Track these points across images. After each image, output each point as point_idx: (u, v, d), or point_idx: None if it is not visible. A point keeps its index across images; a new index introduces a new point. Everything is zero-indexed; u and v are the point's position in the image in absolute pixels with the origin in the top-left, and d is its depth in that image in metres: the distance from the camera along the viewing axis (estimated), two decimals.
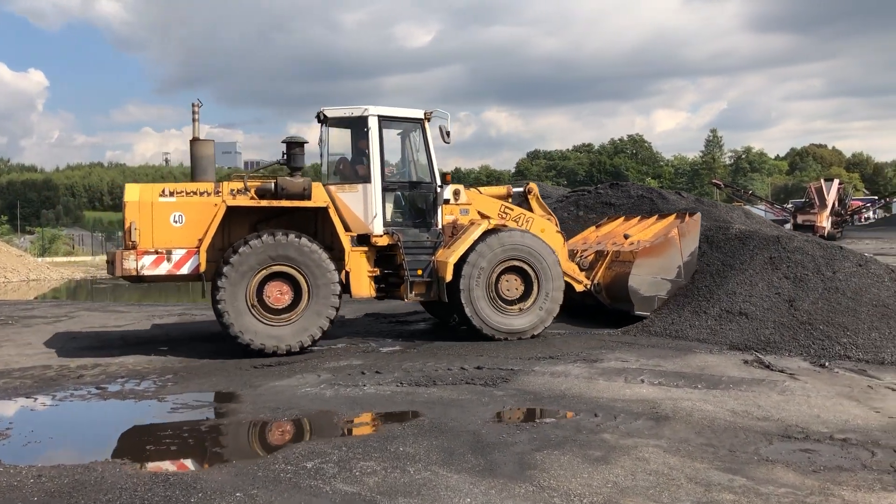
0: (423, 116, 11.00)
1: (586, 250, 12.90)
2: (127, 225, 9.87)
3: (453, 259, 10.47)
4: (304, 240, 9.93)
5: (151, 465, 5.75)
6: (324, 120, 11.06)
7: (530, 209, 12.17)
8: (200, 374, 9.06)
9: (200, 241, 9.94)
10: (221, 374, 9.09)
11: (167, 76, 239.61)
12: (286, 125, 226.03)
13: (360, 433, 6.51)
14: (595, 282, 12.13)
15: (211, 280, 10.05)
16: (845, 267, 10.24)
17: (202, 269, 9.92)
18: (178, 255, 9.88)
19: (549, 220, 12.07)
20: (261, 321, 9.84)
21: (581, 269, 12.17)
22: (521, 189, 12.42)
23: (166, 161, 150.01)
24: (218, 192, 10.16)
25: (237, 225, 10.46)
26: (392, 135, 11.20)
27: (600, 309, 12.07)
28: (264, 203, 10.15)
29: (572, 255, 12.42)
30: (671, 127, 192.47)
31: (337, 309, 10.12)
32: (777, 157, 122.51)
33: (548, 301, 10.87)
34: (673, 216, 12.63)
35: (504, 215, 11.64)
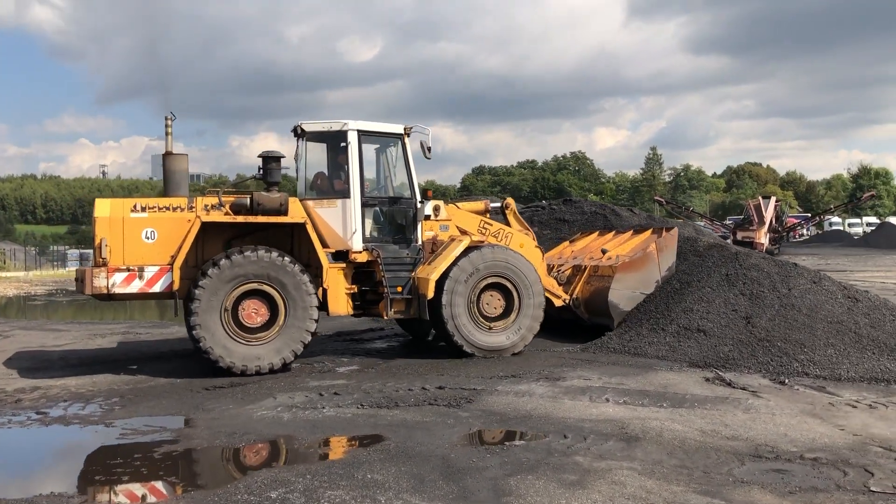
0: (403, 131, 10.86)
1: (563, 265, 12.85)
2: (97, 241, 9.55)
3: (435, 276, 10.30)
4: (279, 256, 9.69)
5: (100, 499, 5.40)
6: (301, 134, 10.85)
7: (507, 224, 12.05)
8: (150, 397, 8.66)
9: (173, 257, 9.63)
10: (172, 396, 8.70)
11: (106, 87, 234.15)
12: (228, 138, 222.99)
13: (323, 459, 6.24)
14: (574, 296, 12.06)
15: (184, 298, 9.74)
16: (800, 284, 10.37)
17: (175, 286, 9.59)
18: (150, 272, 9.58)
19: (526, 234, 11.97)
20: (237, 340, 9.58)
21: (559, 284, 12.11)
22: (498, 204, 12.33)
23: (103, 173, 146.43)
24: (192, 208, 9.86)
25: (212, 241, 10.13)
26: (368, 150, 11.02)
27: (574, 323, 11.97)
28: (240, 219, 9.88)
29: (549, 269, 12.34)
30: (612, 144, 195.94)
31: (315, 325, 9.88)
32: (714, 175, 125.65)
33: (529, 318, 10.75)
34: (649, 231, 12.68)
35: (484, 231, 11.53)
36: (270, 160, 10.31)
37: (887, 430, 6.71)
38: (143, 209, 9.73)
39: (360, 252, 10.51)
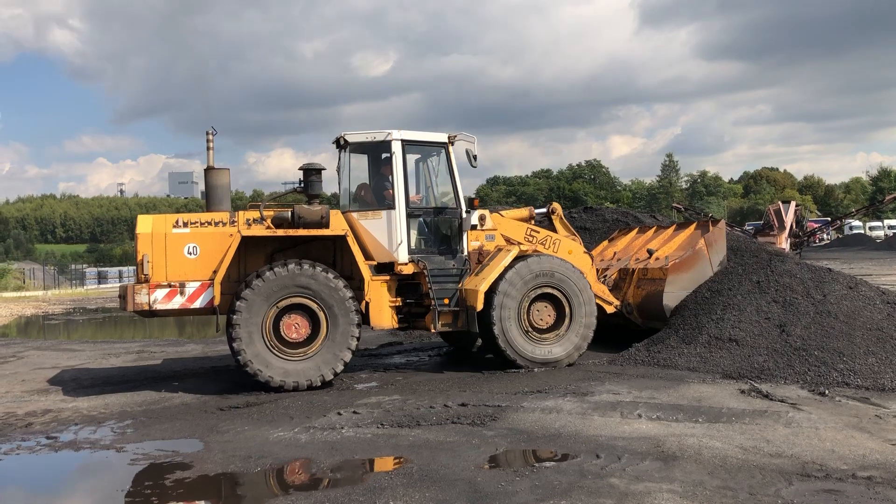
0: (447, 140, 10.65)
1: (608, 268, 12.47)
2: (139, 258, 9.50)
3: (484, 287, 10.05)
4: (321, 270, 9.55)
5: None
6: (344, 145, 10.68)
7: (554, 230, 11.79)
8: (163, 419, 8.37)
9: (215, 272, 9.52)
10: (185, 417, 8.41)
11: (123, 106, 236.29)
12: (244, 154, 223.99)
13: (343, 485, 5.90)
14: (625, 301, 11.71)
15: (226, 314, 9.58)
16: (835, 290, 9.95)
17: (216, 302, 9.47)
18: (191, 288, 9.48)
19: (574, 240, 11.68)
20: (277, 355, 9.45)
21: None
22: (543, 210, 12.07)
23: (121, 192, 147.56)
24: (234, 222, 9.78)
25: (253, 255, 10.05)
26: (411, 159, 10.76)
27: (628, 329, 11.52)
28: (280, 232, 9.75)
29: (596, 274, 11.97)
30: (627, 152, 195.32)
31: (357, 341, 9.72)
32: (731, 181, 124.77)
33: (581, 327, 10.49)
34: (692, 226, 12.26)
35: (530, 238, 11.25)
36: (311, 172, 10.16)
37: None
38: (186, 224, 9.66)
39: (406, 264, 10.31)
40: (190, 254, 9.59)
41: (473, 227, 10.74)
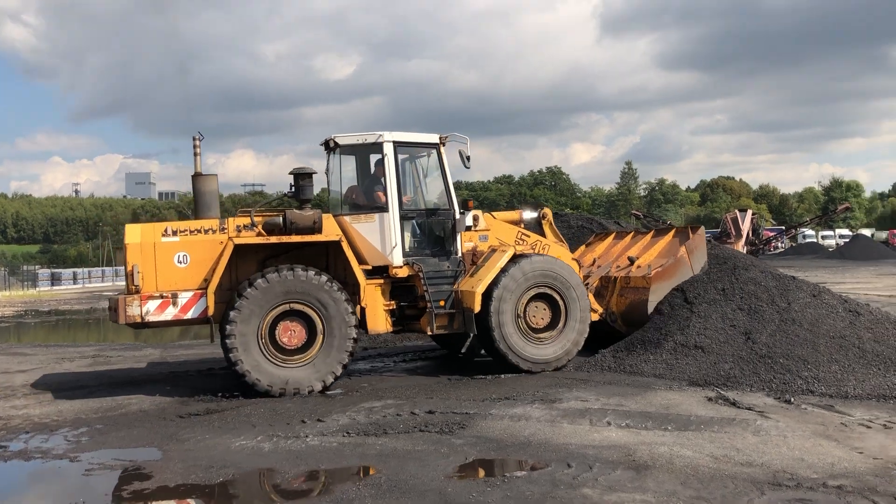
0: (438, 141, 10.54)
1: (589, 276, 12.41)
2: (129, 268, 9.29)
3: (481, 288, 9.98)
4: (317, 275, 9.41)
5: None
6: (334, 147, 10.51)
7: (543, 235, 11.69)
8: (119, 427, 8.09)
9: (207, 281, 9.39)
10: (144, 425, 8.14)
11: (79, 105, 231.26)
12: (204, 155, 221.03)
13: (309, 497, 5.73)
14: (609, 310, 11.69)
15: (220, 322, 9.43)
16: (799, 297, 10.03)
17: (211, 311, 9.30)
18: (184, 298, 9.32)
19: (562, 246, 11.66)
20: (274, 362, 9.31)
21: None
22: (534, 214, 11.96)
23: (76, 192, 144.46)
24: (224, 229, 9.64)
25: (245, 262, 9.80)
26: (402, 161, 10.63)
27: (611, 335, 11.47)
28: (273, 239, 9.60)
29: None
30: (587, 160, 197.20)
31: (355, 345, 9.65)
32: (689, 189, 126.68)
33: (576, 329, 10.50)
34: (671, 233, 12.24)
35: (521, 242, 11.17)
36: (302, 177, 9.96)
37: None
38: (175, 233, 9.48)
39: (401, 267, 10.20)
40: (180, 263, 9.43)
41: (468, 229, 10.68)
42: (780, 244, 67.48)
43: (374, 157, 10.58)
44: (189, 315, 9.34)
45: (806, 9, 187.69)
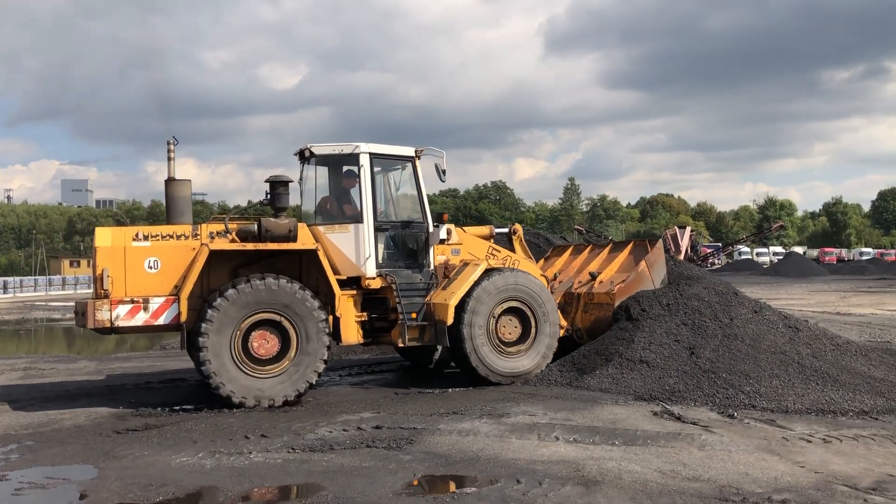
0: (414, 154, 10.64)
1: (551, 291, 12.22)
2: (98, 272, 9.07)
3: (454, 301, 10.04)
4: (292, 284, 9.35)
5: None
6: (309, 157, 10.50)
7: (513, 250, 11.79)
8: (52, 443, 7.75)
9: (178, 287, 9.24)
10: (78, 441, 7.82)
11: (14, 109, 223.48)
12: (143, 163, 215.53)
13: None
14: (574, 326, 11.75)
15: (191, 330, 9.21)
16: (741, 313, 10.23)
17: (183, 318, 9.13)
18: (155, 304, 9.14)
19: (531, 262, 11.81)
20: (247, 373, 9.19)
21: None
22: (504, 230, 12.14)
23: (8, 198, 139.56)
24: (196, 235, 9.48)
25: (217, 270, 9.61)
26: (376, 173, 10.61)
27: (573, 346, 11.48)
28: (250, 246, 9.47)
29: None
30: (531, 175, 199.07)
31: (328, 354, 9.64)
32: (629, 205, 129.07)
33: (547, 338, 10.65)
34: (629, 247, 12.35)
35: (492, 256, 11.25)
36: (278, 185, 9.92)
37: (846, 466, 6.48)
38: (146, 238, 9.32)
39: (374, 278, 10.21)
40: (150, 268, 9.25)
41: (442, 241, 10.77)
42: (716, 260, 69.17)
43: (346, 168, 10.61)
44: (160, 321, 9.16)
45: (743, 32, 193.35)
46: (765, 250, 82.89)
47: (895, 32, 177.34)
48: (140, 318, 9.10)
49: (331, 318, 9.77)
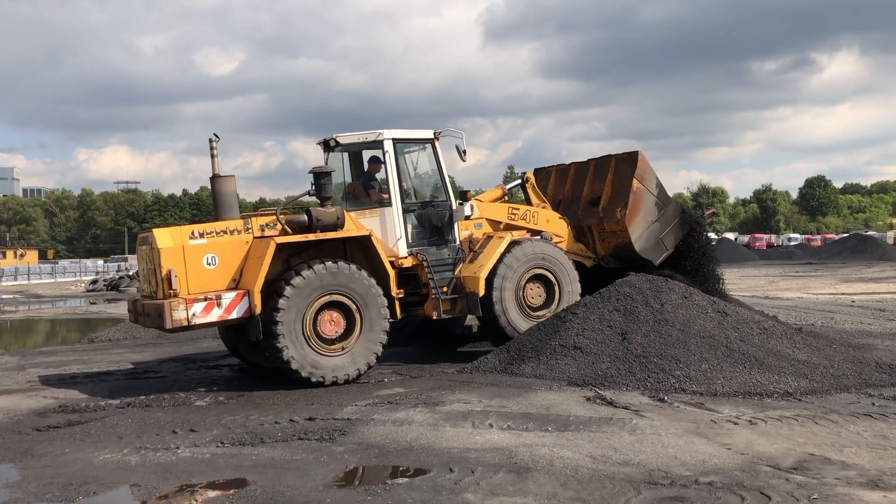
0: (433, 136, 11.15)
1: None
2: (164, 272, 9.35)
3: (484, 274, 10.73)
4: (355, 268, 9.92)
5: None
6: (334, 146, 10.98)
7: (528, 200, 12.48)
8: None
9: (235, 280, 9.72)
10: None
11: None
12: (74, 151, 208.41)
13: None
14: (599, 254, 12.56)
15: (265, 318, 9.52)
16: (672, 299, 10.38)
17: (258, 310, 9.44)
18: (227, 298, 9.46)
19: (547, 208, 12.50)
20: (319, 353, 9.71)
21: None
22: (516, 183, 12.87)
23: None
24: (248, 229, 9.94)
25: (273, 260, 9.74)
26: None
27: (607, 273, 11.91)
28: (311, 237, 9.91)
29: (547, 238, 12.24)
30: (472, 163, 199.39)
31: (388, 334, 10.14)
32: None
33: (569, 302, 11.17)
34: (612, 164, 12.61)
35: (513, 216, 12.03)
36: (322, 175, 10.32)
37: (770, 447, 6.64)
38: (202, 235, 9.67)
39: (406, 257, 10.79)
40: (209, 264, 9.61)
41: (467, 218, 11.33)
42: None
43: (367, 154, 11.15)
44: (233, 315, 9.47)
45: (675, 24, 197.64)
46: None
47: (821, 25, 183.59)
48: (215, 314, 9.41)
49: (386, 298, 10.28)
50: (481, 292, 10.71)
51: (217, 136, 10.40)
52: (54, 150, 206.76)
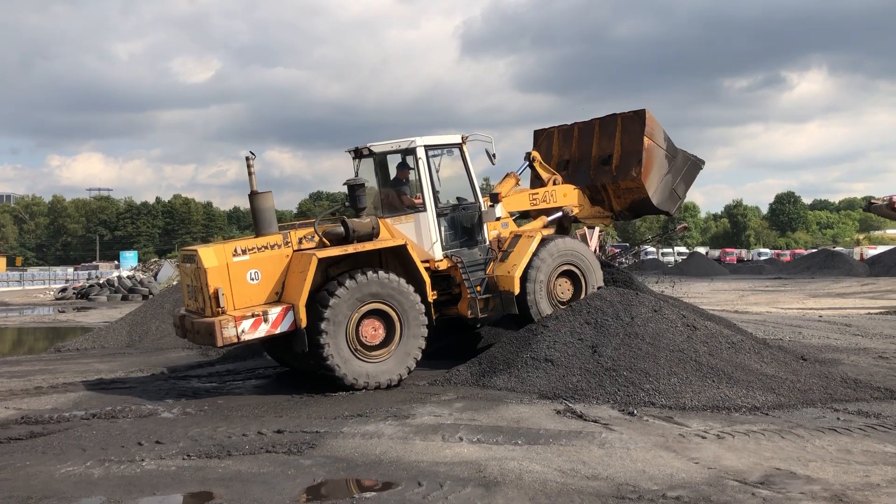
0: (461, 140, 11.39)
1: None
2: (212, 291, 9.59)
3: (518, 272, 10.99)
4: (394, 276, 10.15)
5: None
6: (368, 154, 11.21)
7: (538, 176, 12.79)
8: None
9: (278, 294, 9.97)
10: None
11: None
12: (46, 157, 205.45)
13: None
14: (615, 210, 13.09)
15: (309, 329, 9.73)
16: (642, 312, 10.45)
17: (303, 324, 9.65)
18: (273, 314, 9.69)
19: (556, 177, 12.80)
20: (362, 359, 9.94)
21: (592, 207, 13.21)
22: (525, 164, 13.02)
23: None
24: (288, 243, 10.18)
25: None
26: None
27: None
28: (351, 249, 10.09)
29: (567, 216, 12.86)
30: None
31: (426, 339, 10.37)
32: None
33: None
34: (619, 123, 12.81)
35: (534, 202, 12.46)
36: (357, 188, 10.62)
37: (738, 461, 6.69)
38: (245, 251, 9.90)
39: (441, 260, 11.03)
40: (252, 279, 9.87)
41: (497, 219, 11.67)
42: (624, 260, 71.00)
43: (403, 161, 11.34)
44: (280, 329, 9.69)
45: (649, 40, 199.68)
46: (670, 251, 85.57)
47: (791, 44, 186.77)
48: (262, 330, 9.62)
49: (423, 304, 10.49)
50: (517, 291, 10.98)
51: (253, 154, 10.57)
52: (26, 157, 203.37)
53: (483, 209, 11.48)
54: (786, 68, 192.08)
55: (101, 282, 38.66)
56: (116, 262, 71.08)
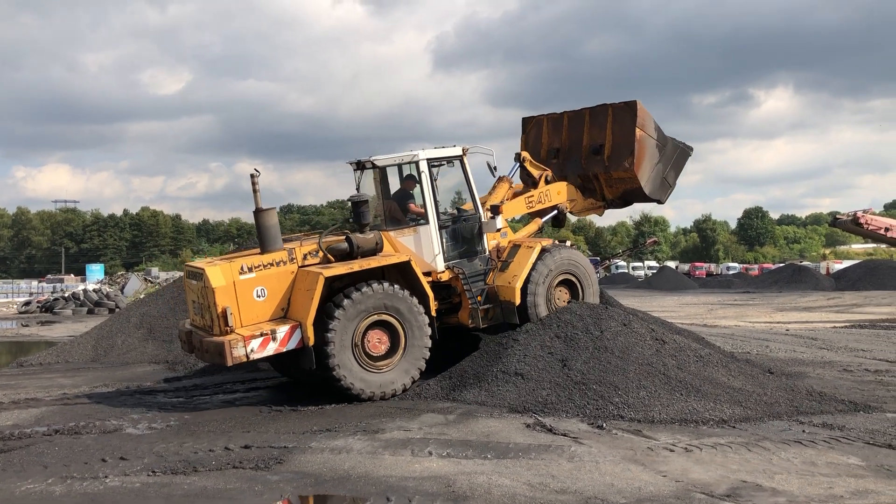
0: (462, 153, 11.48)
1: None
2: (220, 310, 9.62)
3: (519, 283, 11.09)
4: (398, 288, 10.25)
5: None
6: (371, 168, 11.31)
7: (530, 175, 12.80)
8: None
9: (284, 310, 10.05)
10: None
11: None
12: (11, 168, 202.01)
13: None
14: (607, 199, 13.22)
15: (316, 344, 9.80)
16: (611, 326, 10.52)
17: (311, 342, 9.71)
18: (281, 332, 9.75)
19: (546, 171, 12.85)
20: (368, 370, 10.06)
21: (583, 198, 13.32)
22: (516, 165, 12.96)
23: None
24: (293, 259, 10.26)
25: None
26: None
27: None
28: (356, 267, 10.17)
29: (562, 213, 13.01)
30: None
31: (429, 349, 10.45)
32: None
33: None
34: (609, 114, 12.80)
35: (531, 205, 12.62)
36: (360, 204, 10.80)
37: (705, 473, 6.74)
38: (251, 269, 9.96)
39: (443, 271, 11.12)
40: (259, 297, 9.94)
41: (498, 231, 11.77)
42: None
43: (406, 174, 11.44)
44: (287, 347, 9.75)
45: (618, 57, 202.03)
46: (640, 264, 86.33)
47: (758, 61, 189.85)
48: (271, 348, 9.68)
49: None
50: (518, 301, 11.05)
51: (258, 171, 10.59)
52: None
53: (483, 220, 11.61)
54: (753, 85, 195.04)
55: (66, 295, 37.97)
56: (83, 276, 69.99)
